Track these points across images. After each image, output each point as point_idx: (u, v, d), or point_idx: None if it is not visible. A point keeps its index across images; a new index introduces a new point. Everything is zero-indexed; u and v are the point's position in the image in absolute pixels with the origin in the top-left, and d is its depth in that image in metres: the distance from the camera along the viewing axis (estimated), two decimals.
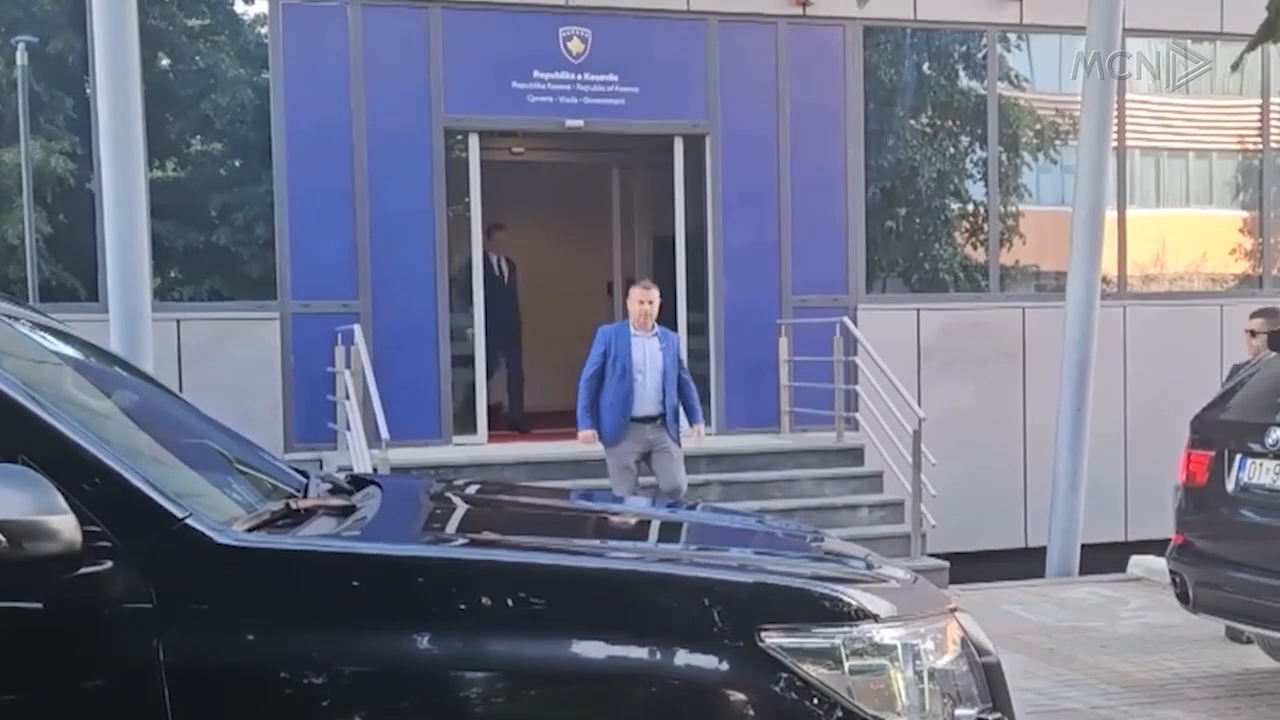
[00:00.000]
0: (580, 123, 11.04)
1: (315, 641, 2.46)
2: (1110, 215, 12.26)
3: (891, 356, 10.90)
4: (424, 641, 2.48)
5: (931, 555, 9.93)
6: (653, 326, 8.73)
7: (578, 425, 8.71)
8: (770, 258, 11.51)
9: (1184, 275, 13.31)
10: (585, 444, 8.78)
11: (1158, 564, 7.00)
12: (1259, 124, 13.07)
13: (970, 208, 12.47)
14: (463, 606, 2.52)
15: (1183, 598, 6.55)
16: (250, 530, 2.65)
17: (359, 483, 3.57)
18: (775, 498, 10.05)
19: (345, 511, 3.03)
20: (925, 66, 12.39)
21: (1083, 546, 10.40)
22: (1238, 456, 6.17)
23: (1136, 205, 12.93)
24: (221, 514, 2.68)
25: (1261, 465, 6.04)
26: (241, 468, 3.27)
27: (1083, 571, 10.21)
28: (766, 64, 11.45)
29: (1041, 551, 10.57)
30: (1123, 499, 12.04)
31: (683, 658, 2.54)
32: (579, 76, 11.01)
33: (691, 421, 8.99)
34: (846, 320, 10.87)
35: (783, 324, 11.37)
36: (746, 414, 11.39)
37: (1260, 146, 13.09)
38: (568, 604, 2.57)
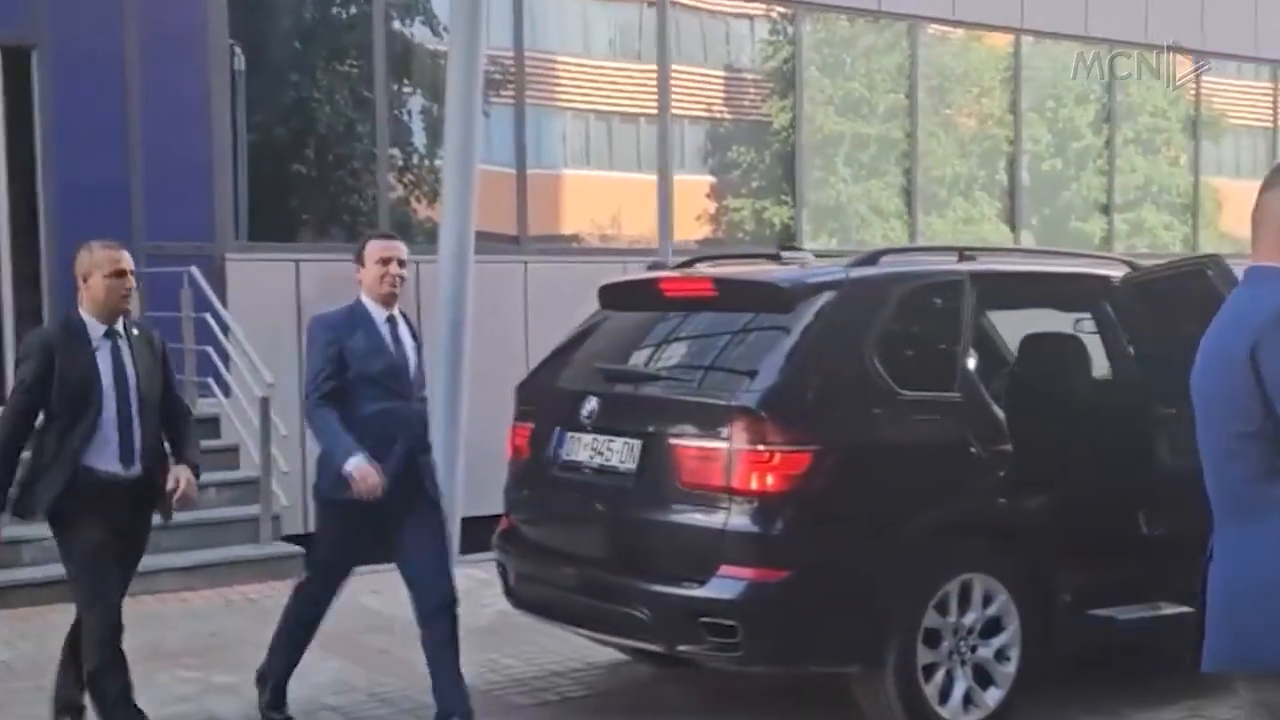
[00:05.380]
0: None
1: None
2: (511, 172, 11.68)
3: (266, 313, 9.69)
4: None
5: (288, 538, 8.77)
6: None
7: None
8: (118, 198, 9.82)
9: (591, 235, 12.86)
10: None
11: None
12: (661, 89, 12.72)
13: (359, 152, 11.33)
14: None
15: (507, 592, 5.75)
16: None
17: None
18: None
19: None
20: None
21: (469, 521, 9.59)
22: (557, 429, 5.37)
23: (543, 165, 12.26)
24: None
25: (580, 440, 5.26)
26: None
27: (467, 550, 9.39)
28: None
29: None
30: None
31: None
32: None
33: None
34: (194, 270, 9.43)
35: (134, 274, 9.75)
36: None
37: (658, 110, 12.72)
38: None
